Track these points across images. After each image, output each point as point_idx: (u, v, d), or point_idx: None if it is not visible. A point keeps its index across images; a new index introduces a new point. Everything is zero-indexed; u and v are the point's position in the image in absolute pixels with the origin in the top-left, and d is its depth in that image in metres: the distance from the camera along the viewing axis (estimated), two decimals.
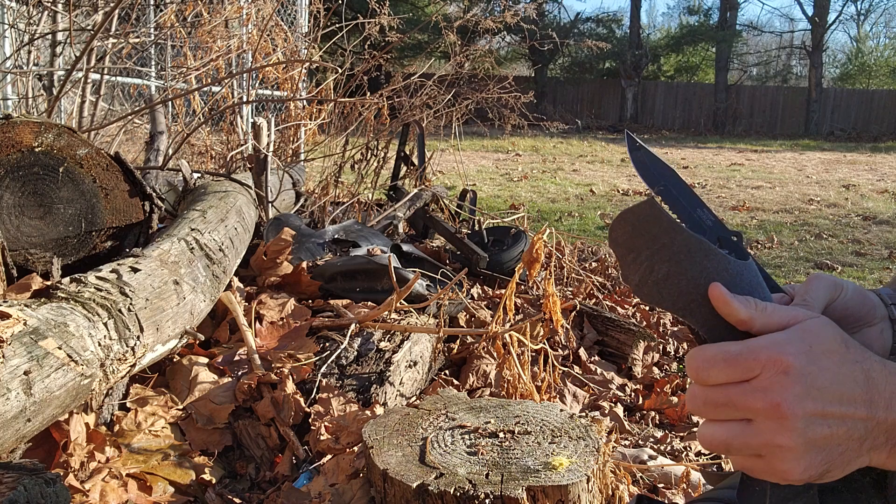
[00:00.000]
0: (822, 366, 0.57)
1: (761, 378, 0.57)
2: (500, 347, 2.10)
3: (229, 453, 1.82)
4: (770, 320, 0.59)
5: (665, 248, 0.61)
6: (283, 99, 4.53)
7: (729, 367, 0.58)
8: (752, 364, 0.57)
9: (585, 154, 12.93)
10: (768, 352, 0.57)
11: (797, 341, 0.57)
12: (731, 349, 0.58)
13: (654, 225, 0.61)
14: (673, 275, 0.61)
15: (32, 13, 3.37)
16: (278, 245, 2.60)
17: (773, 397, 0.56)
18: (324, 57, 4.86)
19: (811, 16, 24.28)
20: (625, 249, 0.63)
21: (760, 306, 0.60)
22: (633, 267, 0.63)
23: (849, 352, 0.58)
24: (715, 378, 0.59)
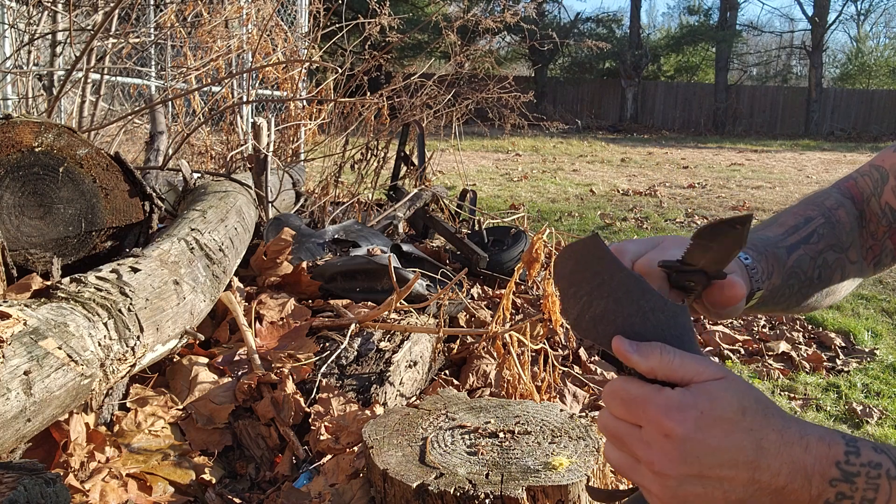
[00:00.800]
0: (707, 434, 0.57)
1: (646, 432, 0.58)
2: (500, 347, 2.10)
3: (229, 453, 1.82)
4: (673, 374, 0.59)
5: (604, 285, 0.61)
6: (283, 99, 4.53)
7: (623, 407, 0.60)
8: (640, 414, 0.59)
9: (585, 154, 12.93)
10: (656, 410, 0.58)
11: (689, 407, 0.57)
12: (631, 392, 0.60)
13: (596, 262, 0.61)
14: (609, 312, 0.62)
15: (32, 13, 3.37)
16: (278, 245, 2.60)
17: (650, 455, 0.58)
18: (324, 57, 4.86)
19: (811, 16, 24.27)
20: (567, 283, 0.64)
21: (666, 359, 0.60)
22: (573, 301, 0.64)
23: (744, 420, 0.57)
24: (613, 411, 0.62)
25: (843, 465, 0.57)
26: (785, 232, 0.90)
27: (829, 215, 0.93)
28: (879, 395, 2.75)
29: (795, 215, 0.93)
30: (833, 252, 0.92)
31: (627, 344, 0.61)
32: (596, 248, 0.61)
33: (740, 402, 0.58)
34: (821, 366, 3.01)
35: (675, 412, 0.57)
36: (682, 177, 9.83)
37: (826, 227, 0.92)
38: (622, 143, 16.41)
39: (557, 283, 0.66)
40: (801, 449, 0.57)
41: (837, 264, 0.92)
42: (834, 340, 3.27)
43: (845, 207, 0.96)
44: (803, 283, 0.89)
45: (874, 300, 3.99)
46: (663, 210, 6.95)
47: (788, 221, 0.92)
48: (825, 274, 0.91)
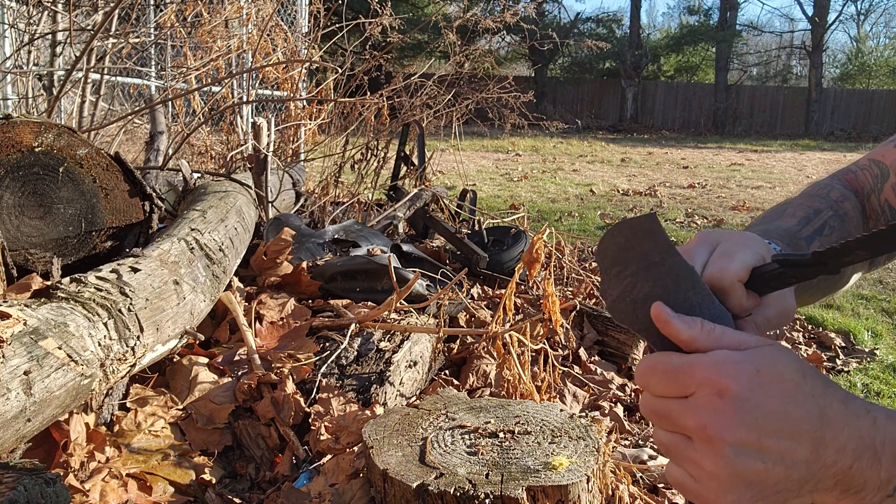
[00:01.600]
0: (767, 393, 0.51)
1: (696, 397, 0.53)
2: (500, 347, 2.10)
3: (229, 453, 1.82)
4: (717, 342, 0.54)
5: (653, 268, 0.58)
6: (283, 99, 4.53)
7: (667, 380, 0.55)
8: (687, 381, 0.53)
9: (585, 154, 12.92)
10: (706, 370, 0.52)
11: (742, 363, 0.52)
12: (673, 362, 0.55)
13: (649, 241, 0.58)
14: (653, 297, 0.58)
15: (32, 13, 3.37)
16: (278, 245, 2.60)
17: (701, 418, 0.52)
18: (324, 57, 4.86)
19: (811, 16, 24.28)
20: (611, 261, 0.60)
21: (707, 328, 0.55)
22: (615, 281, 0.60)
23: (805, 383, 0.52)
24: (655, 389, 0.56)
25: None
26: (799, 222, 0.85)
27: (836, 208, 0.89)
28: (879, 395, 2.75)
29: (803, 206, 0.88)
30: None
31: (670, 311, 0.56)
32: (652, 227, 0.58)
33: (800, 366, 0.53)
34: (821, 366, 3.01)
35: (729, 366, 0.52)
36: (682, 177, 9.83)
37: (836, 220, 0.88)
38: (622, 143, 16.41)
39: (600, 262, 0.61)
40: (868, 422, 0.51)
41: None
42: (834, 340, 3.27)
43: (850, 200, 0.92)
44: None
45: (874, 300, 3.99)
46: (663, 210, 6.94)
47: (798, 213, 0.87)
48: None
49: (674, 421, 0.54)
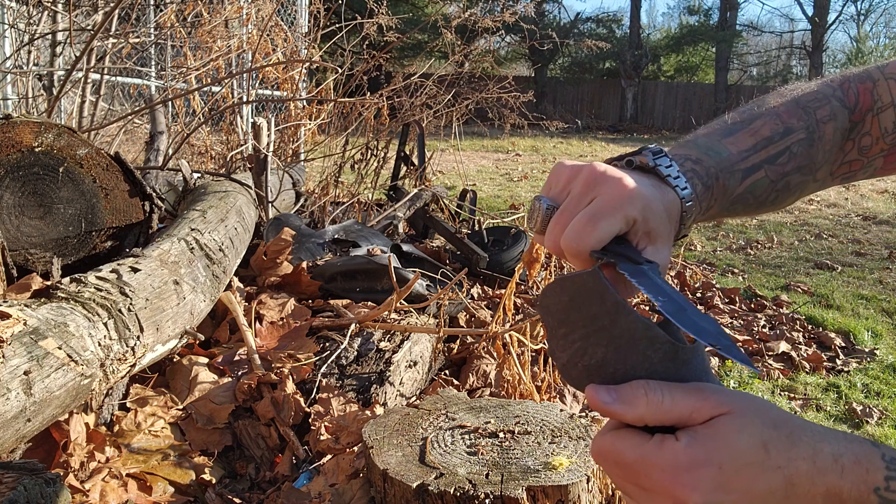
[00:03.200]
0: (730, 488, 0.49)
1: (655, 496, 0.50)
2: (500, 347, 2.10)
3: (229, 453, 1.82)
4: (666, 417, 0.51)
5: (604, 331, 0.52)
6: (283, 99, 4.53)
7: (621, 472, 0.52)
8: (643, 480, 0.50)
9: (585, 154, 12.92)
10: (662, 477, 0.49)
11: (702, 465, 0.49)
12: (626, 454, 0.51)
13: (596, 302, 0.52)
14: (609, 362, 0.53)
15: (32, 13, 3.37)
16: (278, 245, 2.60)
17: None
18: (324, 57, 4.86)
19: (811, 16, 24.28)
20: (556, 321, 0.54)
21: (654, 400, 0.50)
22: (563, 343, 0.54)
23: (769, 458, 0.50)
24: (609, 473, 0.53)
25: (882, 492, 0.50)
26: (753, 146, 0.78)
27: (813, 129, 0.81)
28: (879, 395, 2.75)
29: (776, 120, 0.80)
30: (800, 174, 0.80)
31: (605, 394, 0.51)
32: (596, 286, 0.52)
33: (760, 436, 0.50)
34: (821, 366, 3.01)
35: (687, 475, 0.49)
36: None
37: (803, 145, 0.80)
38: (622, 143, 16.41)
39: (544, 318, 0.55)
40: (836, 475, 0.50)
41: (798, 188, 0.82)
42: (834, 340, 3.27)
43: (836, 121, 0.83)
44: (750, 205, 0.79)
45: (874, 300, 3.99)
46: None
47: (763, 130, 0.79)
48: (781, 196, 0.81)
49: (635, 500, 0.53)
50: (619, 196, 0.59)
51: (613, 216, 0.58)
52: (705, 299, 3.79)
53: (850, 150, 0.84)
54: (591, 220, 0.58)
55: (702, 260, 4.97)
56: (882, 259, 5.15)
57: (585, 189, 0.60)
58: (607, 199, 0.59)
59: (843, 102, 0.85)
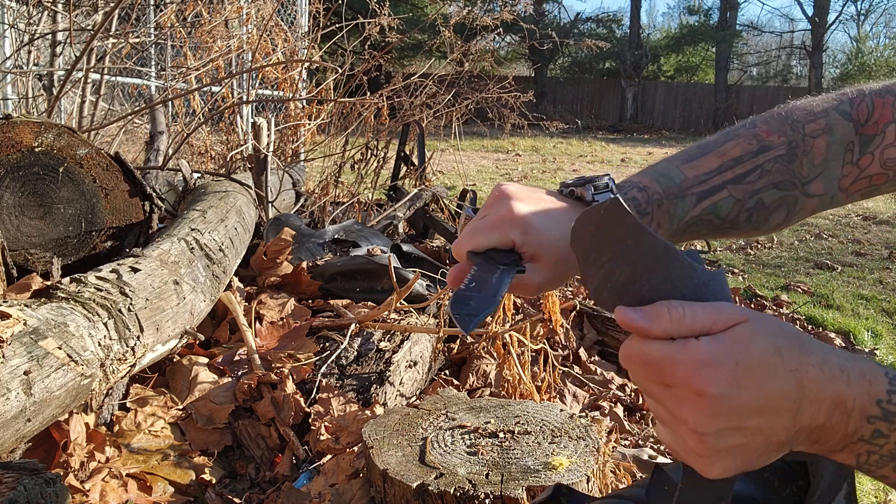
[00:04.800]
0: (746, 385, 0.53)
1: (677, 390, 0.54)
2: (500, 347, 2.10)
3: (229, 453, 1.82)
4: (689, 331, 0.55)
5: (629, 251, 0.57)
6: (283, 99, 4.53)
7: (647, 370, 0.56)
8: (667, 377, 0.55)
9: (585, 154, 12.93)
10: (684, 372, 0.53)
11: (721, 361, 0.53)
12: (652, 354, 0.55)
13: (619, 225, 0.57)
14: (634, 280, 0.57)
15: (32, 13, 3.37)
16: (278, 245, 2.60)
17: (684, 412, 0.54)
18: (324, 57, 4.86)
19: (811, 16, 24.28)
20: (585, 250, 0.59)
21: (677, 315, 0.55)
22: (593, 269, 0.59)
23: (782, 361, 0.54)
24: (637, 374, 0.57)
25: (884, 404, 0.54)
26: (716, 168, 0.81)
27: (797, 144, 0.83)
28: None
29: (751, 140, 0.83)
30: (776, 190, 0.83)
31: (631, 312, 0.56)
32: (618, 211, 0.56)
33: (774, 341, 0.54)
34: None
35: (706, 369, 0.53)
36: None
37: (780, 161, 0.82)
38: (622, 143, 16.41)
39: (576, 251, 0.60)
40: (843, 384, 0.54)
41: (780, 203, 0.84)
42: (834, 340, 3.27)
43: (832, 134, 0.84)
44: (718, 227, 0.82)
45: (874, 300, 3.99)
46: None
47: (732, 151, 0.82)
48: (758, 216, 0.83)
49: (659, 401, 0.57)
50: (500, 219, 0.71)
51: (489, 233, 0.70)
52: None
53: (871, 165, 0.86)
54: (472, 232, 0.71)
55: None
56: (882, 259, 5.15)
57: (486, 206, 0.74)
58: (490, 219, 0.72)
59: (847, 115, 0.85)
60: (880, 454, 0.56)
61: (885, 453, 0.55)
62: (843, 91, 0.89)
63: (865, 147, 0.85)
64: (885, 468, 0.56)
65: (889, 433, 0.55)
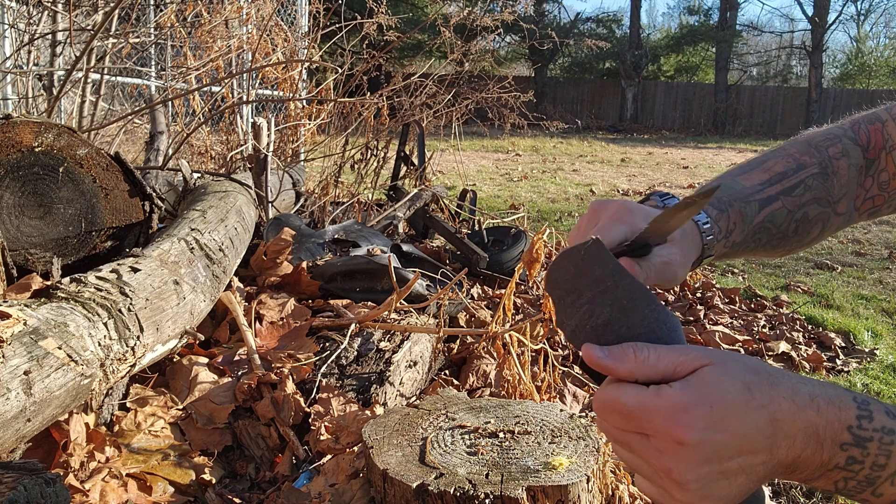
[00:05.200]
0: (722, 427, 0.53)
1: (655, 440, 0.55)
2: (500, 347, 2.10)
3: (229, 453, 1.82)
4: (654, 372, 0.56)
5: (608, 292, 0.58)
6: (283, 99, 4.53)
7: (623, 420, 0.56)
8: (644, 425, 0.55)
9: (585, 154, 12.93)
10: (662, 420, 0.54)
11: (695, 406, 0.53)
12: (628, 403, 0.55)
13: (599, 266, 0.58)
14: (614, 321, 0.58)
15: (32, 13, 3.37)
16: (278, 245, 2.60)
17: (666, 463, 0.54)
18: (324, 57, 4.86)
19: (811, 16, 24.28)
20: (564, 291, 0.60)
21: (641, 358, 0.56)
22: (572, 311, 0.60)
23: (753, 398, 0.54)
24: (612, 424, 0.57)
25: (854, 430, 0.55)
26: (767, 181, 0.85)
27: (826, 164, 0.87)
28: (879, 396, 2.75)
29: (788, 159, 0.87)
30: (817, 206, 0.86)
31: (598, 350, 0.57)
32: (599, 252, 0.58)
33: (742, 379, 0.55)
34: (821, 366, 3.01)
35: (683, 415, 0.53)
36: (682, 177, 9.83)
37: (818, 179, 0.86)
38: (622, 143, 16.41)
39: (552, 292, 0.61)
40: (813, 412, 0.55)
41: (819, 218, 0.87)
42: (834, 340, 3.27)
43: (849, 157, 0.89)
44: (773, 236, 0.85)
45: (874, 300, 3.99)
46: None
47: (776, 167, 0.86)
48: (802, 228, 0.86)
49: (636, 452, 0.57)
50: (619, 213, 0.72)
51: (618, 226, 0.70)
52: (705, 299, 3.79)
53: (871, 187, 0.91)
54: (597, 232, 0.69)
55: None
56: (882, 259, 5.15)
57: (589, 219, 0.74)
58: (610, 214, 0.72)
59: (854, 141, 0.91)
60: (857, 479, 0.56)
61: (862, 478, 0.56)
62: (841, 121, 0.94)
63: (868, 170, 0.91)
64: (864, 493, 0.57)
65: (863, 459, 0.55)
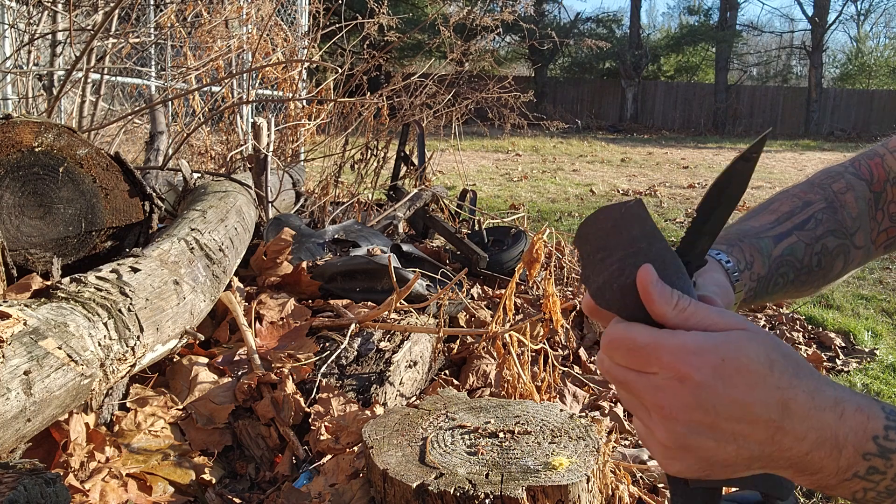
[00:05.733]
0: (728, 383, 0.52)
1: (658, 377, 0.54)
2: (500, 347, 2.10)
3: (229, 453, 1.82)
4: (686, 322, 0.55)
5: (641, 254, 0.57)
6: (283, 99, 4.53)
7: (630, 356, 0.56)
8: (651, 361, 0.54)
9: (585, 154, 12.93)
10: (670, 356, 0.53)
11: (708, 352, 0.53)
12: (639, 339, 0.55)
13: (637, 227, 0.58)
14: None
15: (32, 13, 3.37)
16: (278, 245, 2.60)
17: (660, 399, 0.54)
18: (324, 57, 4.86)
19: (811, 16, 24.28)
20: (595, 248, 0.59)
21: (681, 305, 0.55)
22: (600, 267, 0.59)
23: (771, 375, 0.53)
24: (618, 360, 0.57)
25: (880, 441, 0.53)
26: (776, 220, 0.85)
27: (832, 199, 0.87)
28: (879, 396, 2.75)
29: (794, 199, 0.88)
30: (834, 237, 0.86)
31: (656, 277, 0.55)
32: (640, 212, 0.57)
33: (768, 354, 0.53)
34: (821, 366, 3.01)
35: (693, 356, 0.53)
36: (682, 177, 9.83)
37: (827, 212, 0.86)
38: (622, 143, 16.41)
39: (581, 247, 0.60)
40: (834, 416, 0.53)
41: (840, 250, 0.87)
42: (834, 340, 3.27)
43: (855, 191, 0.89)
44: (800, 271, 0.84)
45: (874, 300, 3.99)
46: (663, 210, 6.94)
47: (782, 208, 0.86)
48: (825, 261, 0.86)
49: (632, 391, 0.56)
50: None
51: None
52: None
53: (883, 220, 0.91)
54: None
55: None
56: (882, 259, 5.15)
57: None
58: None
59: (857, 175, 0.91)
60: (877, 490, 0.54)
61: (882, 490, 0.54)
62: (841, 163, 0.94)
63: (877, 204, 0.90)
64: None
65: (885, 470, 0.53)
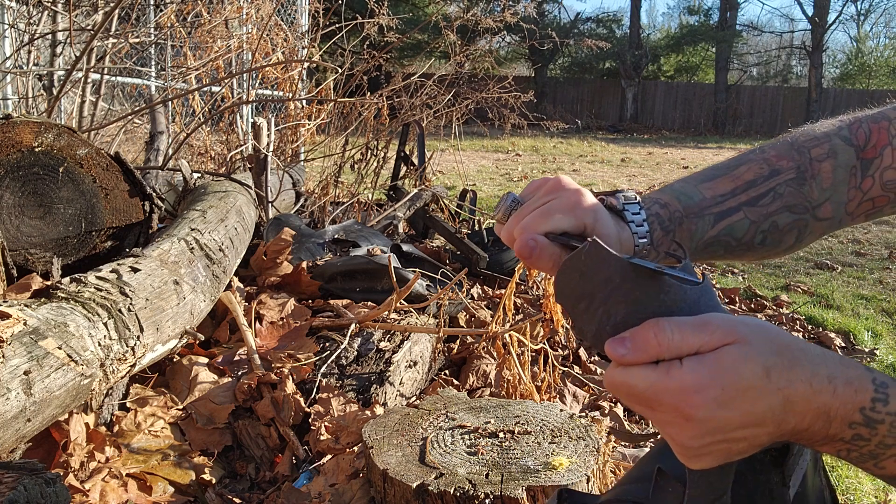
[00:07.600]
0: (732, 406, 0.53)
1: (664, 415, 0.55)
2: (500, 347, 2.10)
3: (229, 453, 1.82)
4: (678, 351, 0.55)
5: (619, 289, 0.57)
6: (283, 99, 4.53)
7: (633, 400, 0.57)
8: (653, 405, 0.55)
9: (585, 154, 12.93)
10: (672, 399, 0.54)
11: (708, 387, 0.53)
12: (639, 386, 0.55)
13: (604, 266, 0.57)
14: (631, 315, 0.57)
15: (32, 13, 3.37)
16: (278, 245, 2.60)
17: (670, 431, 0.56)
18: (324, 57, 4.86)
19: (811, 16, 24.28)
20: (575, 299, 0.59)
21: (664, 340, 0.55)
22: (587, 316, 0.59)
23: (769, 382, 0.54)
24: (622, 400, 0.59)
25: (867, 412, 0.55)
26: (731, 191, 0.84)
27: (805, 167, 0.86)
28: None
29: (762, 164, 0.86)
30: (789, 213, 0.85)
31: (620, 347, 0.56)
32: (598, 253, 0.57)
33: (763, 362, 0.54)
34: None
35: (694, 395, 0.53)
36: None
37: (791, 185, 0.85)
38: (622, 143, 16.41)
39: (564, 303, 0.60)
40: (828, 395, 0.55)
41: (794, 226, 0.86)
42: (834, 340, 3.27)
43: (836, 158, 0.87)
44: (733, 248, 0.85)
45: (874, 300, 3.99)
46: None
47: (746, 175, 0.85)
48: (772, 238, 0.86)
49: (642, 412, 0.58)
50: (575, 201, 0.70)
51: (565, 214, 0.69)
52: None
53: (872, 187, 0.88)
54: (545, 213, 0.69)
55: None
56: (882, 259, 5.15)
57: (548, 192, 0.72)
58: (564, 200, 0.70)
59: (847, 140, 0.89)
60: (860, 453, 0.57)
61: (865, 452, 0.57)
62: (840, 118, 0.92)
63: (866, 171, 0.88)
64: (866, 464, 0.58)
65: (870, 437, 0.56)
